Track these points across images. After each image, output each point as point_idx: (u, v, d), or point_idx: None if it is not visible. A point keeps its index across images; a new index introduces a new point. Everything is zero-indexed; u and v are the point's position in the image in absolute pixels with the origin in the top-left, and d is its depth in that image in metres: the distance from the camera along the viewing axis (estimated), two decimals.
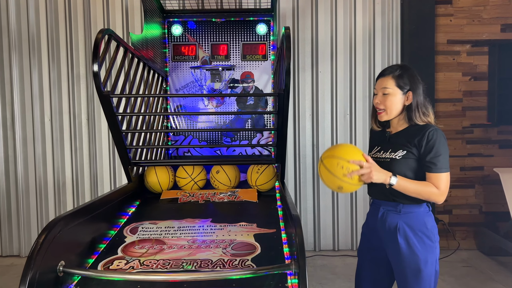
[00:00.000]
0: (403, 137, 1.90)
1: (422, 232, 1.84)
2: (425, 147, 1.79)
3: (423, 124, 1.87)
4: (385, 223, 1.90)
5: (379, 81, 1.93)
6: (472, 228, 4.29)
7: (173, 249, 2.07)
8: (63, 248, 1.74)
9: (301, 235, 1.58)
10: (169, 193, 2.87)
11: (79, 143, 4.24)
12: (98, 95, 2.23)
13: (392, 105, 1.88)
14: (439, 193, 1.78)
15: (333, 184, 1.80)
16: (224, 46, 3.60)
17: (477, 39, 4.19)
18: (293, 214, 1.73)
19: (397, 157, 1.86)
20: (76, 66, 4.20)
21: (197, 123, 3.62)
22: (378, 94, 1.92)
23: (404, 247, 1.84)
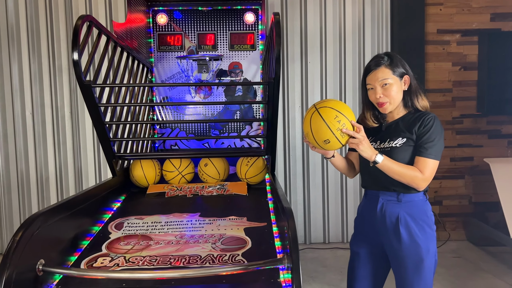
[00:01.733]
0: (400, 124, 1.84)
1: (423, 221, 1.79)
2: (420, 131, 1.77)
3: (422, 112, 1.83)
4: (385, 214, 1.84)
5: (372, 74, 1.84)
6: (461, 218, 4.29)
7: (160, 245, 1.99)
8: (43, 245, 1.65)
9: (293, 229, 1.52)
10: (156, 187, 2.78)
11: (62, 137, 4.11)
12: (78, 85, 2.13)
13: (396, 95, 1.81)
14: (423, 178, 1.73)
15: (321, 135, 1.71)
16: (211, 36, 3.50)
17: (467, 29, 4.16)
18: (285, 207, 1.67)
19: (397, 145, 1.80)
20: (58, 58, 4.05)
21: (184, 116, 3.52)
22: (375, 88, 1.83)
23: (406, 238, 1.79)
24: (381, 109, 1.86)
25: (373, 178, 1.86)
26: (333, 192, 4.25)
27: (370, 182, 1.91)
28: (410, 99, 1.84)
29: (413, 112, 1.85)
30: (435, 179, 4.21)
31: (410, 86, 1.84)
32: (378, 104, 1.85)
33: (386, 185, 1.84)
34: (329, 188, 4.23)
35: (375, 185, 1.89)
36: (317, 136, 1.71)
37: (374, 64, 1.84)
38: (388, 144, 1.83)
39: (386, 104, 1.83)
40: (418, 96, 1.84)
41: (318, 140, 1.71)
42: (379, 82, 1.82)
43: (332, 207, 4.25)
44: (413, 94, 1.84)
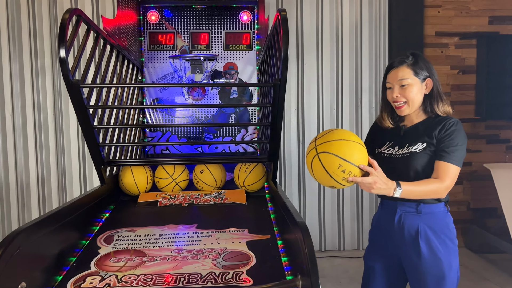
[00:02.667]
0: (421, 129, 1.72)
1: (444, 234, 1.67)
2: (441, 135, 1.65)
3: (443, 116, 1.70)
4: (403, 227, 1.71)
5: (393, 72, 1.73)
6: (460, 225, 4.19)
7: (155, 261, 1.81)
8: (24, 265, 1.46)
9: (311, 247, 1.36)
10: (148, 196, 2.59)
11: (45, 140, 3.87)
12: (65, 85, 1.94)
13: (415, 97, 1.69)
14: (445, 188, 1.60)
15: (325, 182, 1.59)
16: (205, 35, 3.33)
17: (465, 32, 4.08)
18: (299, 222, 1.50)
19: (417, 151, 1.68)
20: (40, 56, 3.82)
21: (176, 119, 3.33)
22: (394, 87, 1.72)
23: (426, 252, 1.66)
24: (398, 110, 1.75)
25: None
26: (329, 198, 4.11)
27: None
28: (430, 104, 1.73)
29: (433, 117, 1.73)
30: None
31: (432, 91, 1.72)
32: (395, 104, 1.73)
33: None
34: (325, 194, 4.09)
35: None
36: (321, 182, 1.63)
37: (397, 62, 1.73)
38: (407, 149, 1.70)
39: (403, 106, 1.71)
40: (439, 102, 1.72)
41: (324, 184, 1.63)
42: (398, 81, 1.71)
43: (328, 214, 4.12)
44: (434, 99, 1.72)
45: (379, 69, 4.06)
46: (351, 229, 4.12)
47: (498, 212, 3.90)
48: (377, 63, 4.06)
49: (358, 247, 4.13)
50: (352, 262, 3.84)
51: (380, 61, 4.06)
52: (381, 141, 1.82)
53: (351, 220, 4.12)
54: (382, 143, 1.82)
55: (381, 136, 1.85)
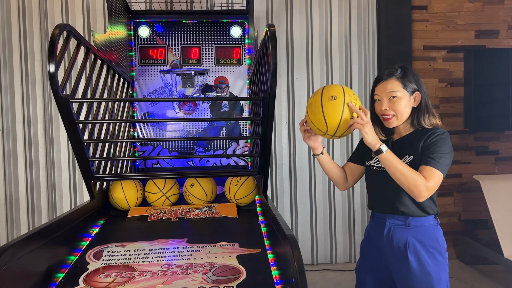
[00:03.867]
0: (407, 141, 1.73)
1: (433, 248, 1.67)
2: (428, 143, 1.64)
3: (431, 128, 1.72)
4: (392, 240, 1.72)
5: (382, 85, 1.74)
6: (451, 236, 4.21)
7: (145, 276, 1.79)
8: (12, 282, 1.44)
9: (300, 261, 1.35)
10: (138, 210, 2.57)
11: (35, 155, 3.84)
12: (55, 99, 1.94)
13: (403, 109, 1.71)
14: (426, 186, 1.57)
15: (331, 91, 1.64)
16: (196, 49, 3.36)
17: (453, 45, 4.15)
18: (288, 235, 1.50)
19: (406, 162, 1.67)
20: (31, 71, 3.81)
21: (167, 133, 3.34)
22: (383, 99, 1.73)
23: (415, 266, 1.66)
24: (386, 123, 1.75)
25: (381, 197, 1.73)
26: (321, 211, 4.11)
27: (378, 202, 1.78)
28: (417, 117, 1.73)
29: (421, 130, 1.74)
30: None
31: (420, 104, 1.73)
32: (384, 117, 1.74)
33: (394, 206, 1.71)
34: (317, 207, 4.09)
35: (382, 206, 1.76)
36: (327, 90, 1.64)
37: (386, 74, 1.74)
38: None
39: (392, 119, 1.72)
40: (425, 115, 1.73)
41: (325, 94, 1.62)
42: (386, 93, 1.71)
43: (320, 227, 4.11)
44: (421, 112, 1.73)
45: (368, 82, 4.11)
46: (343, 242, 4.12)
47: (488, 223, 3.92)
48: (366, 76, 4.11)
49: (351, 260, 4.12)
50: (345, 275, 3.82)
51: (369, 74, 4.11)
52: (371, 154, 1.83)
53: (343, 233, 4.11)
54: (371, 156, 1.83)
55: (370, 149, 1.86)
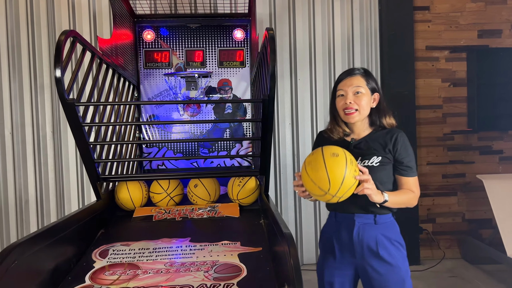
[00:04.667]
0: (372, 142, 1.79)
1: (397, 242, 1.78)
2: (401, 152, 1.75)
3: (389, 129, 1.82)
4: (363, 238, 1.77)
5: (348, 80, 1.80)
6: (455, 236, 4.22)
7: (148, 274, 1.85)
8: (20, 278, 1.50)
9: (296, 256, 1.40)
10: (143, 210, 2.63)
11: (44, 158, 3.93)
12: (61, 103, 2.00)
13: (366, 105, 1.78)
14: (416, 197, 1.78)
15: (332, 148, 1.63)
16: (199, 52, 3.42)
17: (455, 45, 4.17)
18: (285, 233, 1.55)
19: (374, 164, 1.74)
20: (39, 75, 3.91)
21: (172, 134, 3.40)
22: (347, 94, 1.78)
23: (387, 261, 1.75)
24: (349, 117, 1.79)
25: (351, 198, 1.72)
26: (325, 211, 4.12)
27: (346, 204, 1.78)
28: (378, 118, 1.82)
29: (380, 130, 1.82)
30: (428, 197, 4.17)
31: (379, 104, 1.82)
32: (346, 110, 1.78)
33: (365, 207, 1.77)
34: (321, 207, 4.13)
35: (352, 207, 1.80)
36: (327, 149, 1.62)
37: (351, 72, 1.82)
38: (363, 163, 1.76)
39: (355, 113, 1.77)
40: (386, 115, 1.83)
41: (326, 152, 1.60)
42: (352, 88, 1.77)
43: None
44: (382, 112, 1.82)
45: None
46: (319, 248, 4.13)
47: (493, 223, 3.92)
48: None
49: None
50: None
51: None
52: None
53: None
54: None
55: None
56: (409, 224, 4.01)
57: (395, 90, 4.02)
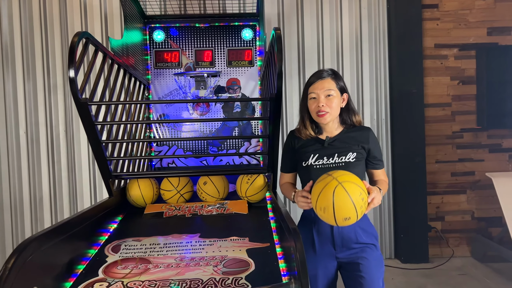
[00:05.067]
0: (346, 140, 1.93)
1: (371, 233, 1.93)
2: (375, 148, 1.94)
3: (360, 126, 1.97)
4: (343, 232, 1.89)
5: (319, 83, 1.89)
6: (464, 234, 4.22)
7: (159, 268, 1.90)
8: (36, 271, 1.56)
9: (301, 251, 1.44)
10: (153, 207, 2.69)
11: (57, 156, 4.02)
12: (75, 103, 2.06)
13: (337, 107, 1.90)
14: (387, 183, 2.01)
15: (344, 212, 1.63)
16: (208, 52, 3.46)
17: (464, 43, 4.16)
18: (291, 227, 1.59)
19: (350, 160, 1.88)
20: (52, 76, 4.00)
21: (181, 133, 3.45)
22: (319, 97, 1.88)
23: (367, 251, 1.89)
24: (321, 119, 1.89)
25: None
26: None
27: None
28: (348, 116, 1.96)
29: (350, 128, 1.96)
30: (437, 195, 4.17)
31: (348, 104, 1.95)
32: (319, 112, 1.88)
33: None
34: None
35: None
36: (339, 213, 1.62)
37: (321, 75, 1.91)
38: (340, 159, 1.89)
39: (326, 115, 1.87)
40: (354, 114, 1.97)
41: (338, 216, 1.63)
42: (324, 91, 1.87)
43: None
44: (351, 112, 1.96)
45: (380, 81, 4.15)
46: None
47: (502, 221, 3.91)
48: (377, 76, 4.16)
49: None
50: None
51: (380, 74, 4.15)
52: (306, 155, 1.96)
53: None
54: (307, 156, 1.95)
55: (303, 151, 1.98)
56: (418, 222, 4.02)
57: (404, 88, 4.03)
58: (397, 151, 4.10)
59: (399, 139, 4.09)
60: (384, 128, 4.16)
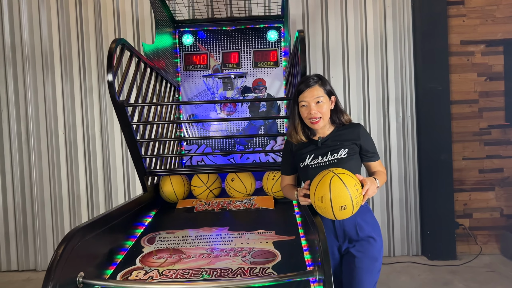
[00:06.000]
0: (337, 138, 2.02)
1: (372, 223, 2.01)
2: (366, 142, 2.02)
3: (350, 123, 2.06)
4: (343, 225, 1.98)
5: (308, 92, 1.98)
6: (493, 231, 4.18)
7: (191, 258, 2.03)
8: (82, 259, 1.72)
9: (324, 241, 1.54)
10: (185, 202, 2.84)
11: (93, 155, 4.24)
12: (113, 104, 2.23)
13: (327, 111, 1.99)
14: (385, 173, 2.09)
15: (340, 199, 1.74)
16: (235, 54, 3.59)
17: (491, 39, 4.12)
18: (315, 220, 1.69)
19: (342, 156, 1.97)
20: (88, 79, 4.22)
21: (210, 133, 3.60)
22: (309, 104, 1.97)
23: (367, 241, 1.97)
24: (315, 125, 2.00)
25: None
26: None
27: None
28: (337, 117, 2.05)
29: (340, 126, 2.06)
30: (464, 192, 4.16)
31: (337, 105, 2.04)
32: (312, 120, 1.98)
33: None
34: None
35: None
36: (336, 201, 1.74)
37: (308, 83, 1.99)
38: (332, 156, 1.99)
39: (319, 121, 1.98)
40: (343, 114, 2.06)
41: (335, 205, 1.74)
42: (314, 99, 1.97)
43: None
44: (339, 112, 2.05)
45: (405, 79, 4.17)
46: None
47: None
48: (403, 74, 4.18)
49: (390, 254, 4.20)
50: (383, 268, 3.90)
51: (405, 71, 4.17)
52: (302, 157, 2.05)
53: (382, 227, 4.19)
54: (303, 158, 2.05)
55: (300, 153, 2.08)
56: (445, 219, 4.02)
57: (429, 85, 4.04)
58: (423, 148, 4.11)
59: (425, 137, 4.09)
60: (410, 125, 4.18)
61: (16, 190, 4.25)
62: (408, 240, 4.20)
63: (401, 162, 4.20)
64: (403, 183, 4.20)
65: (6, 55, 4.22)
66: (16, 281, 4.01)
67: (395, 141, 4.20)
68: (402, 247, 4.21)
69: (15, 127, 4.24)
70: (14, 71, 4.22)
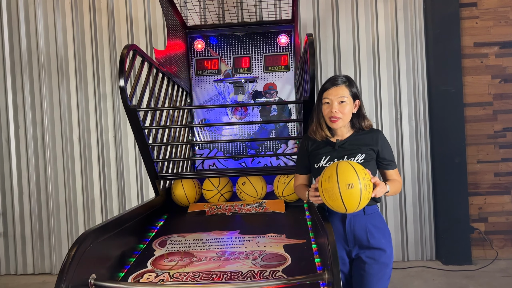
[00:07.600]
0: (355, 142, 2.00)
1: (383, 229, 1.99)
2: (384, 149, 2.00)
3: (370, 128, 2.04)
4: (354, 228, 1.97)
5: (333, 90, 1.97)
6: (509, 236, 4.10)
7: (202, 261, 2.05)
8: (94, 261, 1.75)
9: (333, 244, 1.54)
10: (196, 206, 2.86)
11: (107, 160, 4.30)
12: (124, 109, 2.26)
13: (349, 113, 1.98)
14: (401, 184, 2.06)
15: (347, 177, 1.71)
16: (246, 59, 3.62)
17: (506, 41, 4.07)
18: (324, 224, 1.69)
19: (359, 161, 1.95)
20: (102, 85, 4.29)
21: (221, 137, 3.62)
22: (332, 103, 1.96)
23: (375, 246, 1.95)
24: (333, 124, 1.99)
25: None
26: None
27: None
28: (358, 121, 2.04)
29: (360, 131, 2.04)
30: (479, 195, 4.10)
31: (360, 110, 2.03)
32: (332, 118, 1.97)
33: None
34: None
35: None
36: (342, 177, 1.71)
37: (336, 81, 2.00)
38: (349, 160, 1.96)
39: (339, 120, 1.97)
40: (365, 119, 2.05)
41: (342, 182, 1.71)
42: (337, 98, 1.96)
43: None
44: (361, 117, 2.04)
45: (417, 82, 4.14)
46: (395, 240, 4.15)
47: None
48: (415, 76, 4.14)
49: (404, 259, 4.15)
50: (397, 273, 3.86)
51: (418, 74, 4.14)
52: (318, 157, 2.04)
53: (395, 232, 4.15)
54: (319, 158, 2.03)
55: (315, 153, 2.06)
56: (459, 223, 3.96)
57: (442, 88, 4.00)
58: (436, 152, 4.06)
59: (438, 140, 4.05)
60: (422, 128, 4.14)
61: (32, 195, 4.33)
62: (422, 245, 4.15)
63: (414, 166, 4.16)
64: (416, 187, 4.16)
65: (22, 62, 4.32)
66: (32, 284, 4.08)
67: (408, 145, 4.16)
68: (416, 251, 4.15)
69: (31, 133, 4.33)
70: (30, 77, 4.32)
